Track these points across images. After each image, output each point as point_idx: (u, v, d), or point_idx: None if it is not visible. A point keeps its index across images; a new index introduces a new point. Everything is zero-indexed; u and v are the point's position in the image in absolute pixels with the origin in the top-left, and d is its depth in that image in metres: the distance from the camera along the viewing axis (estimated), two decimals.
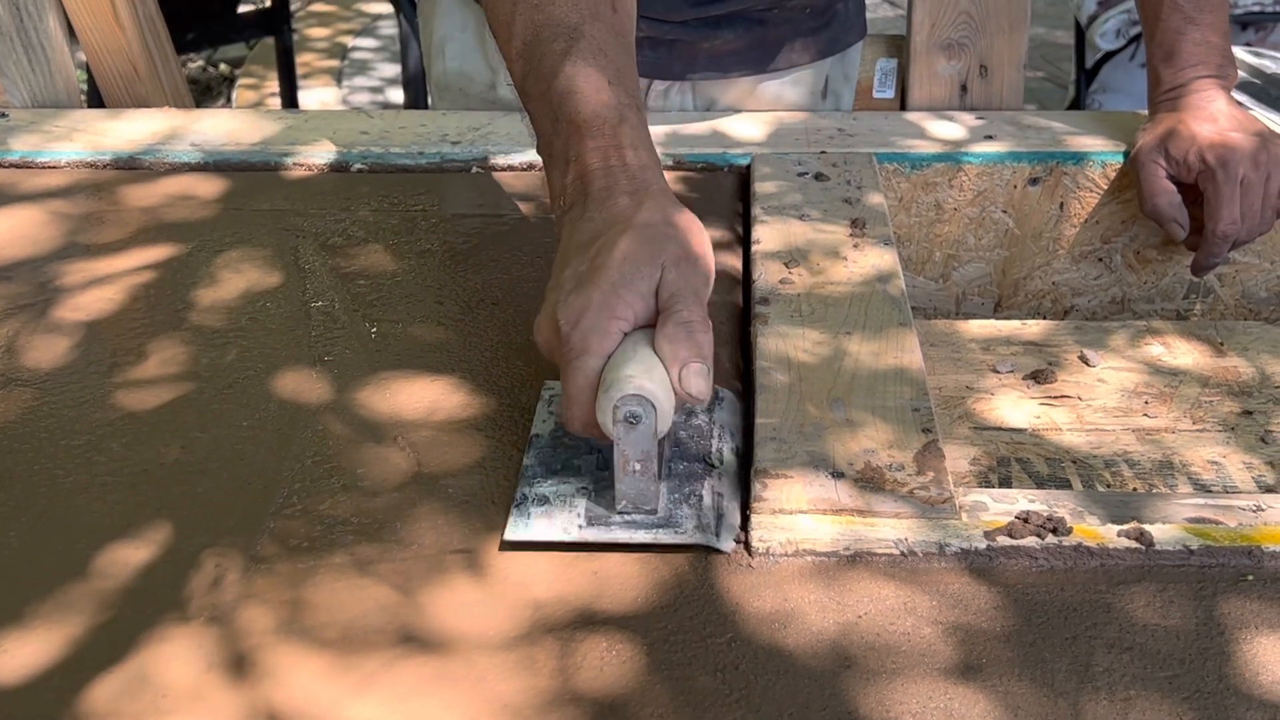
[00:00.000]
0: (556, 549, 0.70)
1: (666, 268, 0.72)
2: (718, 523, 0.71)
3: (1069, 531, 0.70)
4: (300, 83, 3.74)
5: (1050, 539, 0.69)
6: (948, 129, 1.28)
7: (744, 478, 0.75)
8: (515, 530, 0.70)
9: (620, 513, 0.71)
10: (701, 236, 0.75)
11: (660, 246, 0.72)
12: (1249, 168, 1.09)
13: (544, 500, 0.72)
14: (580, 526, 0.70)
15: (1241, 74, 1.40)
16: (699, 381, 0.70)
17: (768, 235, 1.03)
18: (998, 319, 1.22)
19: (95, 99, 1.59)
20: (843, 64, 1.41)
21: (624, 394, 0.67)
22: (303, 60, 4.22)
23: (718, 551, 0.69)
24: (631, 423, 0.68)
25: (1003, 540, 0.69)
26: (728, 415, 0.81)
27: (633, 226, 0.73)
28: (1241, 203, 1.10)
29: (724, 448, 0.77)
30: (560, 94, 0.79)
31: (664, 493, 0.72)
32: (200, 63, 4.38)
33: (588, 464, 0.75)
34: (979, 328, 1.10)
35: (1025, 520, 0.70)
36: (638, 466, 0.69)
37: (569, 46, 0.81)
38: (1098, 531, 0.70)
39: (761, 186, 1.13)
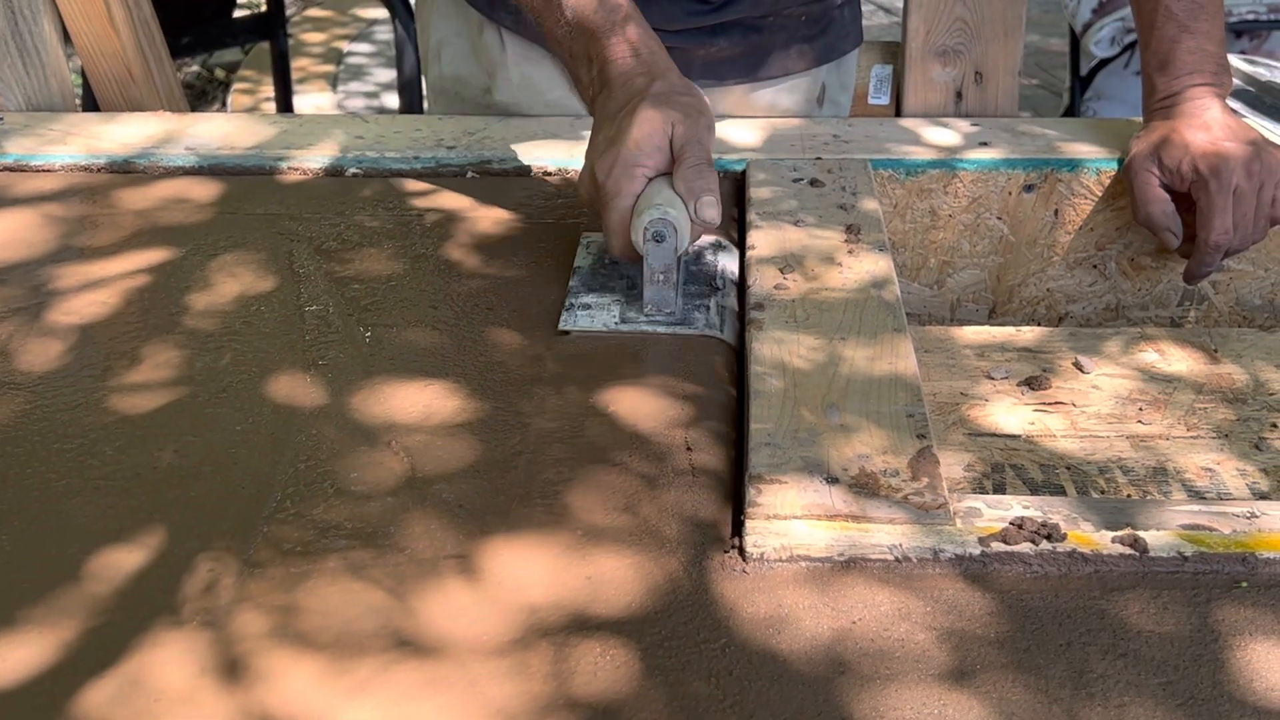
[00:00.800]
0: (600, 337, 0.91)
1: (676, 124, 0.93)
2: (721, 322, 0.92)
3: (1063, 538, 0.70)
4: (295, 88, 3.73)
5: (1044, 545, 0.69)
6: (943, 135, 1.28)
7: (738, 486, 0.75)
8: (566, 323, 0.92)
9: (646, 315, 0.92)
10: (701, 98, 0.96)
11: (670, 109, 0.93)
12: (1242, 177, 1.09)
13: (587, 307, 0.94)
14: (616, 323, 0.92)
15: (1236, 82, 1.40)
16: (710, 209, 0.90)
17: (763, 241, 1.03)
18: (992, 325, 1.22)
19: (90, 102, 1.59)
20: (839, 72, 1.41)
21: (652, 218, 0.89)
22: (298, 65, 4.22)
23: (720, 340, 0.89)
24: (658, 240, 0.89)
25: (997, 546, 0.69)
26: (727, 257, 1.03)
27: (648, 97, 0.94)
28: (1234, 212, 1.10)
29: (725, 277, 0.99)
30: (570, 6, 1.01)
31: (679, 304, 0.93)
32: (196, 67, 4.37)
33: (620, 286, 0.97)
34: (974, 334, 1.10)
35: (1020, 526, 0.70)
36: (661, 276, 0.91)
37: None
38: (1092, 538, 0.70)
39: (757, 192, 1.13)
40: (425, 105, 1.48)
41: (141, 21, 1.42)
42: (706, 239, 1.04)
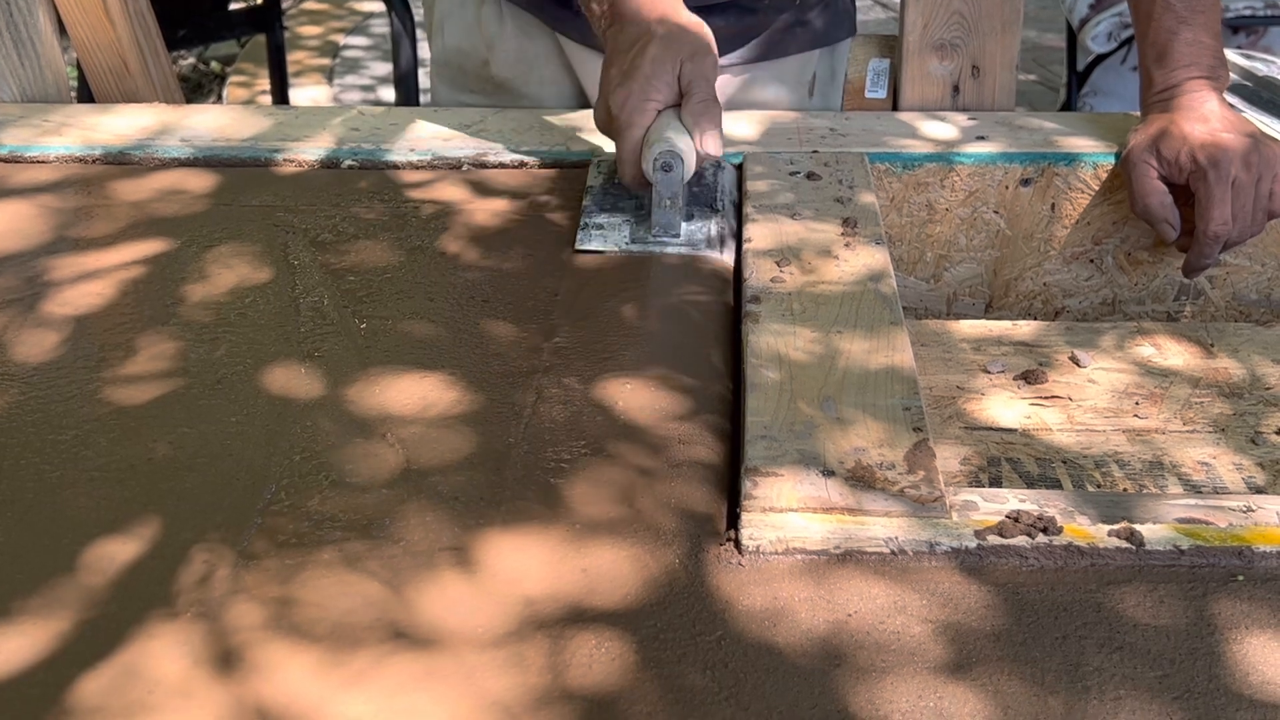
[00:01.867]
0: (614, 256, 1.00)
1: (684, 61, 1.01)
2: (721, 244, 1.02)
3: (1059, 531, 0.69)
4: (292, 80, 3.73)
5: (1041, 538, 0.69)
6: (940, 129, 1.28)
7: (735, 479, 0.75)
8: (582, 243, 1.01)
9: (654, 236, 1.01)
10: (708, 36, 1.04)
11: (679, 46, 1.02)
12: (1240, 168, 1.09)
13: (600, 227, 1.03)
14: (627, 243, 1.01)
15: (1233, 76, 1.40)
16: (713, 142, 1.00)
17: (759, 234, 1.03)
18: (989, 319, 1.22)
19: (85, 94, 1.58)
20: (831, 61, 1.41)
21: (661, 150, 0.98)
22: (294, 58, 4.21)
23: (720, 260, 0.98)
24: (666, 170, 0.98)
25: (993, 539, 0.69)
26: (727, 179, 1.13)
27: (657, 34, 1.02)
28: (1233, 204, 1.10)
29: (724, 199, 1.08)
30: None
31: (683, 226, 1.02)
32: (192, 60, 4.37)
33: (629, 206, 1.06)
34: (970, 328, 1.10)
35: (1016, 519, 0.70)
36: (668, 202, 1.00)
37: None
38: (1088, 531, 0.70)
39: (753, 185, 1.13)
40: (430, 81, 1.49)
41: (137, 13, 1.42)
42: (707, 163, 1.10)
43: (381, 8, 4.42)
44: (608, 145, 1.19)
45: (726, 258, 1.01)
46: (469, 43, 1.40)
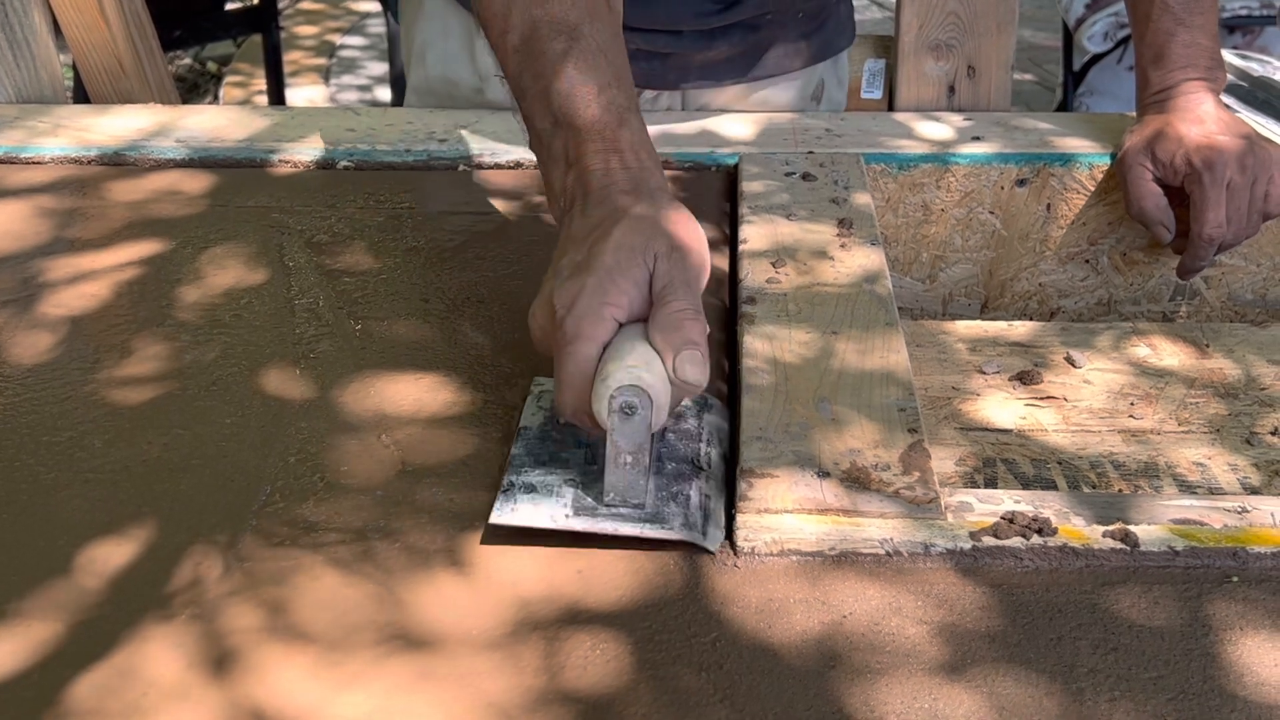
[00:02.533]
0: (541, 539, 0.69)
1: (659, 258, 0.73)
2: (704, 521, 0.71)
3: (1054, 532, 0.69)
4: (288, 80, 3.73)
5: (1035, 539, 0.69)
6: (935, 130, 1.28)
7: (730, 479, 0.75)
8: (501, 515, 0.70)
9: (608, 505, 0.71)
10: (695, 230, 0.77)
11: (653, 237, 0.74)
12: (1235, 171, 1.09)
13: (531, 488, 0.72)
14: (567, 515, 0.70)
15: (1229, 76, 1.40)
16: (694, 368, 0.70)
17: (755, 235, 1.03)
18: (984, 320, 1.22)
19: (80, 95, 1.58)
20: (835, 68, 1.41)
21: (621, 384, 0.68)
22: (290, 58, 4.21)
23: (704, 550, 0.69)
24: (627, 413, 0.68)
25: (988, 541, 0.69)
26: (716, 419, 0.81)
27: (627, 218, 0.75)
28: (1227, 206, 1.10)
29: (712, 451, 0.78)
30: (561, 96, 0.81)
31: (652, 490, 0.72)
32: (188, 60, 4.36)
33: (575, 458, 0.75)
34: (965, 328, 1.10)
35: (1010, 521, 0.70)
36: (629, 459, 0.69)
37: (569, 47, 0.82)
38: (1083, 532, 0.70)
39: (749, 186, 1.13)
40: (408, 104, 1.46)
41: (132, 13, 1.42)
42: (685, 403, 0.82)
43: (377, 8, 4.42)
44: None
45: (712, 545, 0.70)
46: (458, 71, 1.35)
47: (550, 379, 0.76)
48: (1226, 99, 1.31)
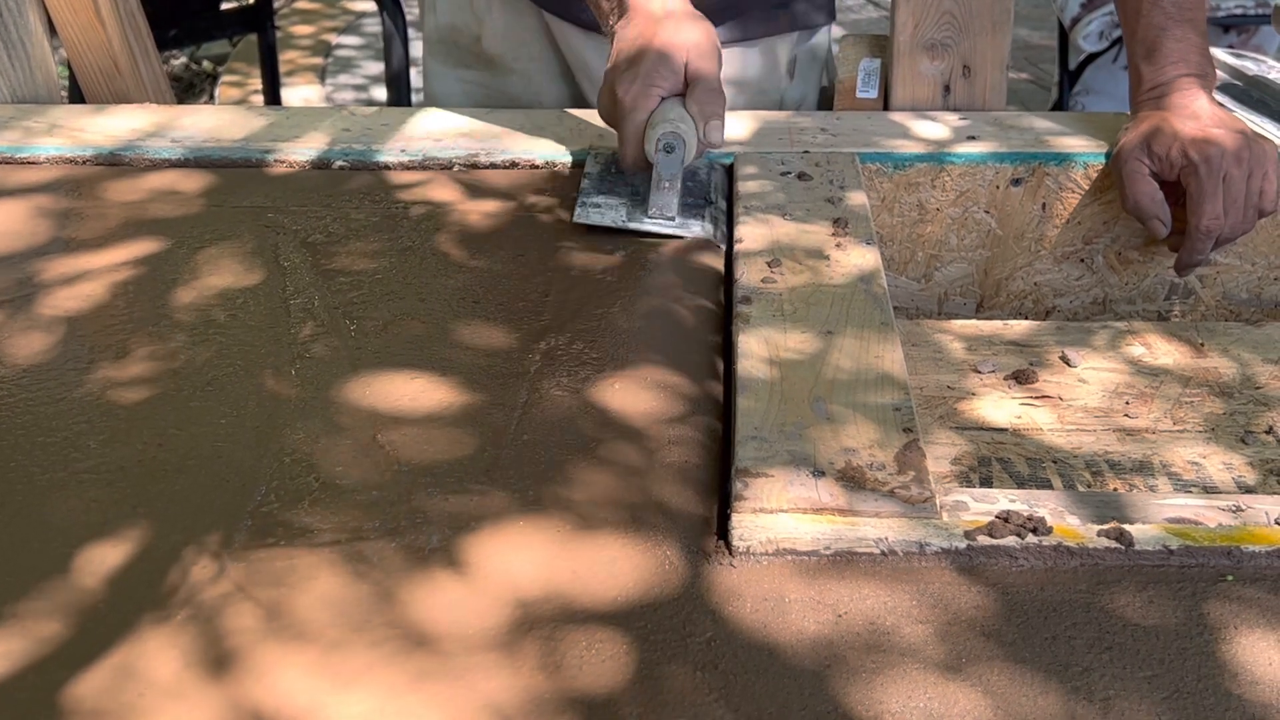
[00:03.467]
0: (608, 231, 1.03)
1: (690, 52, 1.05)
2: (714, 230, 1.05)
3: (1049, 531, 0.70)
4: (284, 80, 3.72)
5: (1030, 539, 0.69)
6: (931, 129, 1.28)
7: (725, 479, 0.75)
8: (580, 218, 1.05)
9: (650, 217, 1.04)
10: (711, 32, 1.08)
11: (685, 41, 1.06)
12: (1232, 164, 1.10)
13: (597, 206, 1.06)
14: (624, 221, 1.04)
15: (1223, 75, 1.41)
16: (716, 133, 1.04)
17: (750, 234, 1.03)
18: (980, 319, 1.22)
19: (76, 95, 1.58)
20: (811, 46, 1.44)
21: (665, 131, 1.02)
22: (286, 58, 4.20)
23: (713, 244, 1.02)
24: (669, 151, 1.02)
25: (983, 540, 0.69)
26: (719, 178, 1.15)
27: (664, 26, 1.07)
28: (1224, 198, 1.10)
29: (716, 195, 1.11)
30: None
31: (679, 210, 1.05)
32: (184, 60, 4.36)
33: (625, 192, 1.09)
34: (961, 328, 1.10)
35: (1006, 520, 0.70)
36: (667, 184, 1.03)
37: None
38: (1078, 531, 0.70)
39: (744, 186, 1.13)
40: (423, 59, 1.53)
41: (127, 14, 1.42)
42: (700, 160, 1.14)
43: (373, 7, 4.41)
44: (602, 145, 1.20)
45: (718, 246, 1.03)
46: (461, 19, 1.44)
47: (599, 146, 1.19)
48: (1220, 97, 1.31)
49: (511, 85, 1.45)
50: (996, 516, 0.71)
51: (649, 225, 1.04)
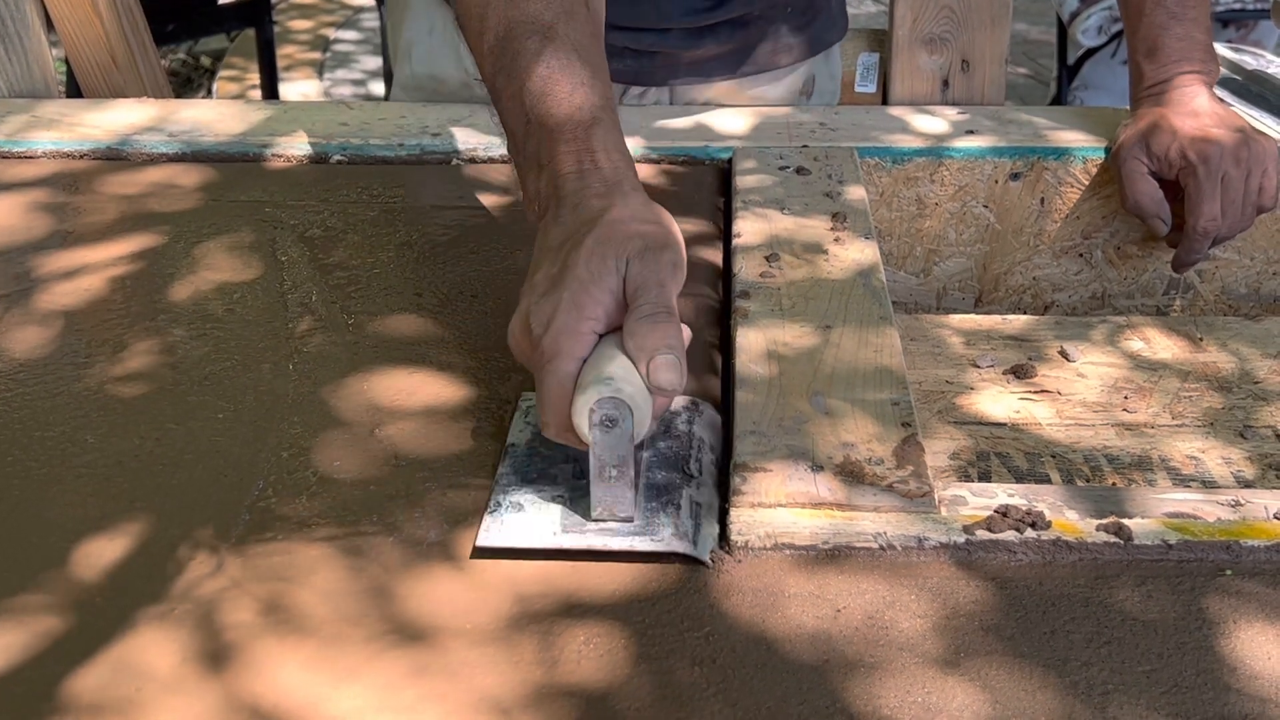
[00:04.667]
0: (531, 557, 0.68)
1: (631, 261, 0.71)
2: (695, 531, 0.69)
3: (1048, 526, 0.69)
4: (282, 75, 3.72)
5: (1029, 533, 0.69)
6: (929, 124, 1.28)
7: (724, 474, 0.75)
8: (488, 536, 0.69)
9: (596, 519, 0.69)
10: (668, 228, 0.75)
11: (626, 241, 0.72)
12: (1230, 164, 1.09)
13: (519, 507, 0.71)
14: (555, 534, 0.69)
15: (1222, 70, 1.40)
16: (668, 373, 0.69)
17: (749, 229, 1.03)
18: (979, 314, 1.22)
19: (73, 89, 1.58)
20: (827, 63, 1.40)
21: (600, 397, 0.66)
22: (284, 52, 4.20)
23: (696, 561, 0.68)
24: (608, 426, 0.67)
25: (981, 534, 0.69)
26: (706, 427, 0.79)
27: (600, 224, 0.73)
28: (1222, 198, 1.10)
29: (703, 458, 0.76)
30: (534, 95, 0.80)
31: (641, 501, 0.71)
32: (181, 55, 4.35)
33: (564, 473, 0.74)
34: (960, 322, 1.10)
35: (1004, 514, 0.70)
36: (614, 472, 0.68)
37: (543, 46, 0.81)
38: (1076, 526, 0.70)
39: (743, 180, 1.13)
40: (397, 31, 1.43)
41: (125, 8, 1.41)
42: (679, 401, 0.81)
43: (371, 2, 4.41)
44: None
45: (704, 555, 0.69)
46: (444, 69, 1.34)
47: (533, 394, 0.76)
48: (1220, 93, 1.31)
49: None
50: (995, 511, 0.71)
51: (594, 537, 0.68)
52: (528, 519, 0.70)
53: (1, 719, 0.59)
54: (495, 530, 0.69)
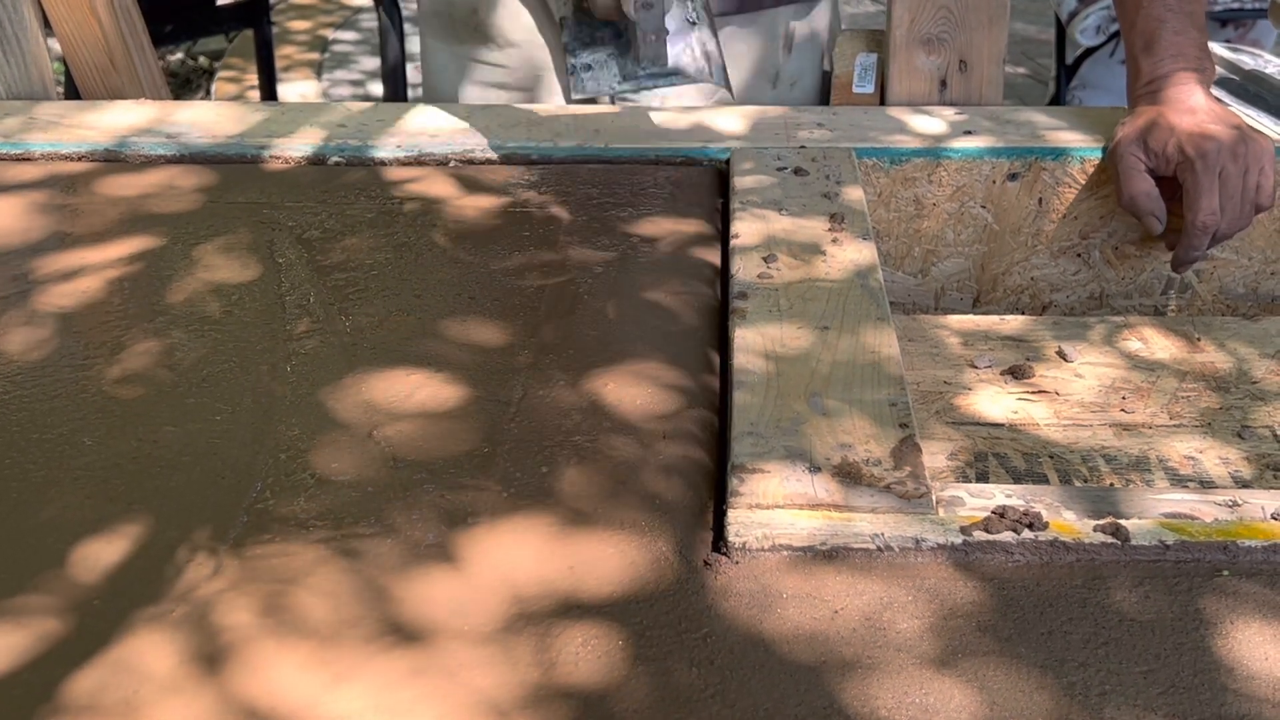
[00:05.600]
0: (611, 100, 1.10)
1: None
2: (708, 63, 1.07)
3: (1045, 526, 0.70)
4: (280, 76, 3.72)
5: (1026, 534, 0.69)
6: (927, 124, 1.27)
7: (721, 475, 0.75)
8: (576, 90, 1.06)
9: (643, 71, 1.05)
10: None
11: None
12: (1228, 159, 1.09)
13: (589, 67, 1.06)
14: (619, 82, 1.06)
15: (1220, 70, 1.40)
16: None
17: (747, 230, 1.03)
18: (976, 314, 1.22)
19: (71, 91, 1.58)
20: (810, 23, 1.44)
21: None
22: (283, 53, 4.20)
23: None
24: (647, 7, 1.02)
25: (979, 535, 0.69)
26: None
27: None
28: (1220, 194, 1.10)
29: (698, 9, 1.08)
30: None
31: (668, 49, 1.05)
32: (180, 55, 4.35)
33: (607, 35, 1.08)
34: (957, 323, 1.10)
35: (1002, 515, 0.70)
36: (653, 37, 1.04)
37: None
38: (1074, 526, 0.70)
39: (741, 181, 1.13)
40: (420, 35, 1.52)
41: (122, 9, 1.41)
42: None
43: (370, 2, 4.41)
44: (597, 140, 1.20)
45: (716, 77, 1.07)
46: None
47: (565, 16, 1.12)
48: (1217, 92, 1.31)
49: (509, 59, 1.44)
50: (992, 512, 0.71)
51: (646, 81, 1.05)
52: (597, 76, 1.06)
53: None
54: (577, 86, 1.07)
